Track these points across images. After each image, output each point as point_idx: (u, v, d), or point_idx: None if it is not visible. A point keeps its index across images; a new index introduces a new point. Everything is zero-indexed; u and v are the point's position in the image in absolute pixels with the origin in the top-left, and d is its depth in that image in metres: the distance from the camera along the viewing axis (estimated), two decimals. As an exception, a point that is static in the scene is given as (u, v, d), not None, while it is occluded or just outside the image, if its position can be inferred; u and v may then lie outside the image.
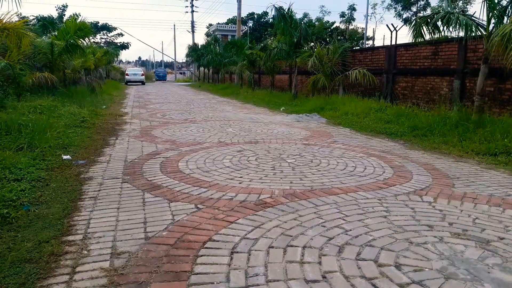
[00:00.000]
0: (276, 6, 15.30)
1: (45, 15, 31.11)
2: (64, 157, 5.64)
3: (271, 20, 34.20)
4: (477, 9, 52.38)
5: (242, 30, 33.52)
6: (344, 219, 3.45)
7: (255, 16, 48.08)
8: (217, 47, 33.47)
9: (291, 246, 2.92)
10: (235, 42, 25.64)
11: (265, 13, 46.33)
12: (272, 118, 11.17)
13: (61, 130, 7.31)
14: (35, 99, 10.32)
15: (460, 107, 8.99)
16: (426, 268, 2.60)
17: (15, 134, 6.26)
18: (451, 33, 8.58)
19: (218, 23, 54.08)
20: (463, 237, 3.11)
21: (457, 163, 5.80)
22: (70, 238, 3.06)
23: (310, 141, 7.43)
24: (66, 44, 13.06)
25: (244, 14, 43.63)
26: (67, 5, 36.60)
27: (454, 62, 10.04)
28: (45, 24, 18.84)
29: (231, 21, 51.85)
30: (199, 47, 38.75)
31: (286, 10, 15.52)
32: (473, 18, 8.15)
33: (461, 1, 29.10)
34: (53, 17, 32.65)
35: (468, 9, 28.65)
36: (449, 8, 8.88)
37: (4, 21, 7.68)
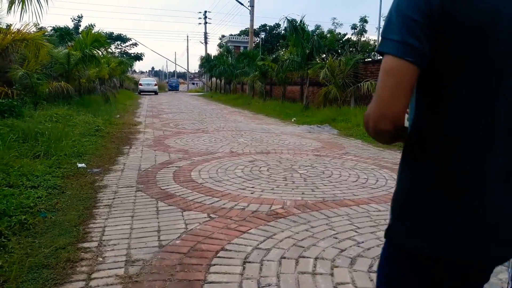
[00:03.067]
0: (289, 18, 15.47)
1: (62, 25, 31.79)
2: (79, 165, 5.74)
3: (283, 32, 34.47)
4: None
5: (255, 42, 33.81)
6: (356, 231, 3.46)
7: (267, 28, 48.45)
8: (230, 58, 33.75)
9: (303, 257, 2.94)
10: (247, 54, 25.91)
11: (277, 25, 46.70)
12: (284, 129, 11.22)
13: (76, 138, 7.44)
14: (51, 108, 10.51)
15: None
16: (438, 281, 2.60)
17: (32, 142, 6.39)
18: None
19: (231, 35, 54.62)
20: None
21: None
22: (86, 245, 3.12)
23: (321, 152, 7.45)
24: (82, 55, 13.33)
25: (256, 26, 43.97)
26: (83, 16, 37.47)
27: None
28: (62, 34, 19.26)
29: (244, 32, 52.30)
30: (212, 58, 39.16)
31: (298, 22, 15.66)
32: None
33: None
34: (69, 28, 33.32)
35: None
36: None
37: (23, 31, 7.92)
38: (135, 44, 49.10)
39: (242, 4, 29.45)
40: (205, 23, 50.42)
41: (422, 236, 0.99)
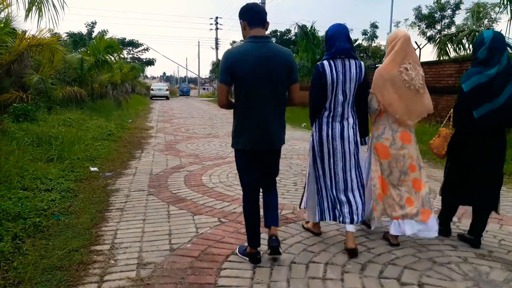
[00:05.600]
0: (299, 24, 15.51)
1: (75, 31, 32.26)
2: (92, 169, 5.82)
3: (293, 37, 34.49)
4: (503, 27, 51.50)
5: (265, 47, 33.87)
6: (367, 237, 3.45)
7: (278, 33, 48.57)
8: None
9: (314, 262, 2.95)
10: (258, 59, 25.90)
11: (288, 31, 46.72)
12: (293, 134, 11.21)
13: (88, 142, 7.54)
14: (65, 112, 10.68)
15: (486, 126, 8.84)
16: (450, 288, 2.58)
17: (46, 146, 6.50)
18: (476, 51, 8.51)
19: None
20: (488, 258, 3.07)
21: (482, 183, 5.69)
22: (98, 247, 3.16)
23: (332, 158, 7.42)
24: (95, 60, 13.52)
25: (267, 31, 44.16)
26: (96, 22, 37.86)
27: (479, 81, 9.93)
28: (76, 40, 19.55)
29: (254, 38, 52.35)
30: (223, 63, 39.29)
31: (309, 28, 15.69)
32: (499, 36, 8.08)
33: (486, 20, 28.74)
34: (83, 33, 33.79)
35: (494, 27, 28.22)
36: (474, 26, 8.83)
37: (38, 37, 8.05)
38: (147, 50, 49.54)
39: (253, 10, 29.52)
40: (216, 28, 50.71)
41: (239, 143, 2.85)
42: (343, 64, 3.05)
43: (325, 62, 3.07)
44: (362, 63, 3.16)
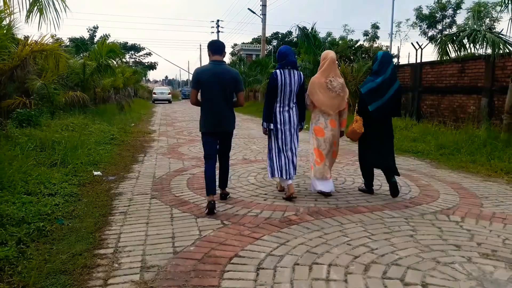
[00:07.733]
0: (300, 26, 15.48)
1: (77, 36, 32.36)
2: (95, 173, 5.84)
3: (295, 39, 34.49)
4: (505, 26, 51.31)
5: (267, 49, 33.88)
6: (370, 238, 3.45)
7: (279, 35, 48.64)
8: (242, 66, 33.90)
9: (317, 263, 2.94)
10: (259, 61, 26.02)
11: (289, 33, 46.78)
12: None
13: (91, 147, 7.56)
14: (67, 117, 10.70)
15: (488, 126, 8.82)
16: (453, 288, 2.57)
17: (49, 151, 6.52)
18: (477, 50, 8.48)
19: (243, 43, 54.85)
20: (492, 257, 3.06)
21: (485, 182, 5.69)
22: (102, 251, 3.17)
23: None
24: (97, 65, 13.55)
25: (268, 34, 44.12)
26: (98, 27, 37.81)
27: (481, 80, 9.90)
28: (78, 45, 19.62)
29: (256, 40, 52.47)
30: (224, 66, 39.26)
31: (310, 30, 15.67)
32: (500, 35, 8.06)
33: (488, 19, 28.67)
34: (85, 38, 33.89)
35: (496, 26, 28.15)
36: (475, 26, 8.80)
37: (41, 42, 8.08)
38: (149, 54, 49.64)
39: (254, 12, 29.62)
40: (218, 31, 50.73)
41: (203, 127, 4.34)
42: (289, 73, 4.57)
43: (278, 71, 4.57)
44: (301, 73, 4.67)
